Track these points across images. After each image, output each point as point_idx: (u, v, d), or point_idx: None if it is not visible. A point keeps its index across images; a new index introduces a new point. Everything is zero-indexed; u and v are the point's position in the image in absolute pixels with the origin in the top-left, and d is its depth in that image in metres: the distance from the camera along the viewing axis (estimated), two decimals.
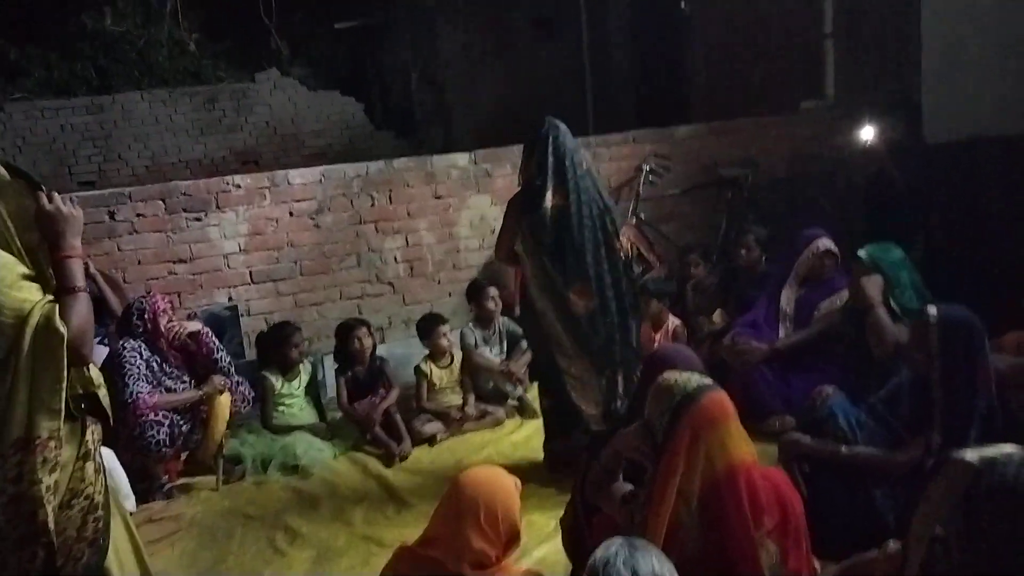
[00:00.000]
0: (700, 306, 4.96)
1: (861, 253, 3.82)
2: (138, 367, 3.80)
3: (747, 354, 4.14)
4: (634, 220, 5.63)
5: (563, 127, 3.67)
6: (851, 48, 6.83)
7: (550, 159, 3.60)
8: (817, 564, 2.31)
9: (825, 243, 4.22)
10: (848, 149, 6.04)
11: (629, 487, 2.35)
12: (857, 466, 2.93)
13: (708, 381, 2.15)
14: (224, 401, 3.98)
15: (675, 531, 2.04)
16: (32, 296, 1.83)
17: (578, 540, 2.53)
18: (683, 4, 8.80)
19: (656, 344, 4.69)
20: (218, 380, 3.96)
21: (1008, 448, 1.66)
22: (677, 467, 2.03)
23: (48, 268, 1.94)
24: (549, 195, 3.55)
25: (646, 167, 5.74)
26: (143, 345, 3.88)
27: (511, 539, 2.23)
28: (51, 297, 1.87)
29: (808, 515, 2.22)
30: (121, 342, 3.87)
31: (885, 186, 5.72)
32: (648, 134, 6.14)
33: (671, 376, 2.16)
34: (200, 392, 3.92)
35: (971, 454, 1.66)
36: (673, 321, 4.79)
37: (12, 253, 1.87)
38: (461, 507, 2.19)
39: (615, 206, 3.75)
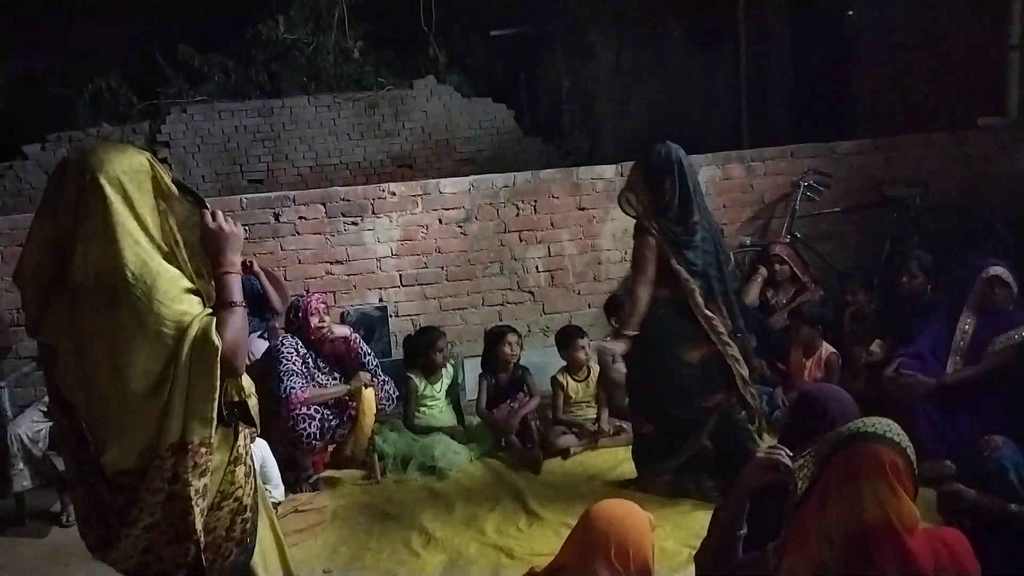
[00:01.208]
0: (858, 335, 4.67)
1: None
2: (293, 363, 4.02)
3: (912, 388, 3.87)
4: (788, 238, 5.41)
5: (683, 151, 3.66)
6: None
7: (689, 183, 3.61)
8: None
9: (995, 270, 3.91)
10: None
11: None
12: None
13: (887, 434, 1.99)
14: (370, 397, 4.15)
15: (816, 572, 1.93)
16: (192, 309, 1.89)
17: None
18: (851, 12, 8.36)
19: (807, 373, 4.49)
20: (364, 375, 4.14)
21: None
22: (817, 504, 1.93)
23: (209, 280, 2.00)
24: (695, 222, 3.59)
25: (804, 183, 5.50)
26: (299, 342, 4.11)
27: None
28: (209, 310, 1.93)
29: None
30: (280, 339, 4.12)
31: None
32: (807, 149, 5.86)
33: (862, 420, 2.06)
34: (348, 387, 4.11)
35: None
36: (827, 349, 4.53)
37: (177, 264, 1.94)
38: (592, 540, 2.16)
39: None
